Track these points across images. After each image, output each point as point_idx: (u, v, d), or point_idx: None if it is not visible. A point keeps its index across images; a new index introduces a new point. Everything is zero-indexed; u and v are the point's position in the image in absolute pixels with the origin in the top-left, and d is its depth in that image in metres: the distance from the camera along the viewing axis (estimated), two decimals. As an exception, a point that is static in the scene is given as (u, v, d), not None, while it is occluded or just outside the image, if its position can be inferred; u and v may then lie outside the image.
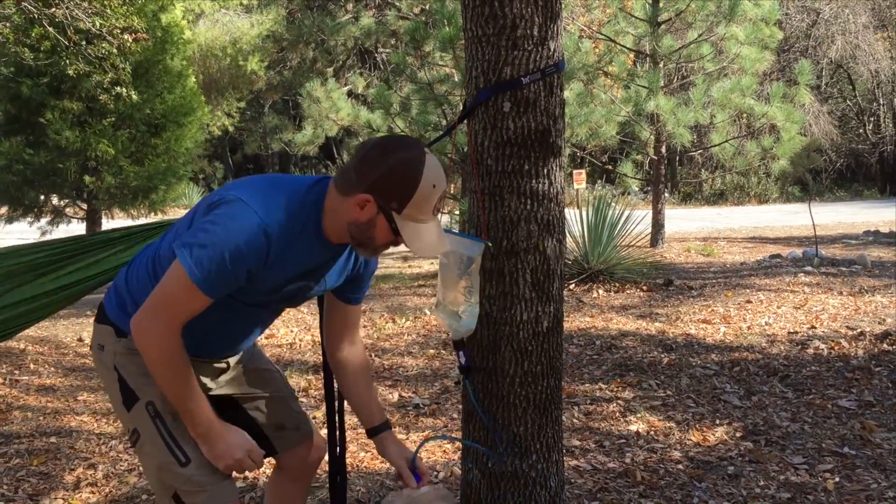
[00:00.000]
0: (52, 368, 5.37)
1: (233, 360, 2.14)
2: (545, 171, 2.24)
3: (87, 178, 9.76)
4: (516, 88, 2.18)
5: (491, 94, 2.20)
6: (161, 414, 1.89)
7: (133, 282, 1.96)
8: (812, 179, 26.71)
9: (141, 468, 2.18)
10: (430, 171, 1.77)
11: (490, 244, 2.23)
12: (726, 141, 11.85)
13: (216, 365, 2.09)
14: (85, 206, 10.63)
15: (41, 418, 4.29)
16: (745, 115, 12.10)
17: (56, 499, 3.24)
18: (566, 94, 11.19)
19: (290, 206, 1.81)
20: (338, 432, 2.37)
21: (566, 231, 2.53)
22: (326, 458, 2.36)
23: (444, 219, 10.66)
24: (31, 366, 5.40)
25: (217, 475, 1.93)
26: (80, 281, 2.33)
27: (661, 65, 11.72)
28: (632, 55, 12.47)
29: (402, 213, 1.78)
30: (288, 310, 7.20)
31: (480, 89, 2.23)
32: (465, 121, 2.33)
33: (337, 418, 2.38)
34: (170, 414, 1.89)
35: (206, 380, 2.07)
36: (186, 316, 1.79)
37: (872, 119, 28.62)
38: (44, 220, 10.64)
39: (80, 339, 6.27)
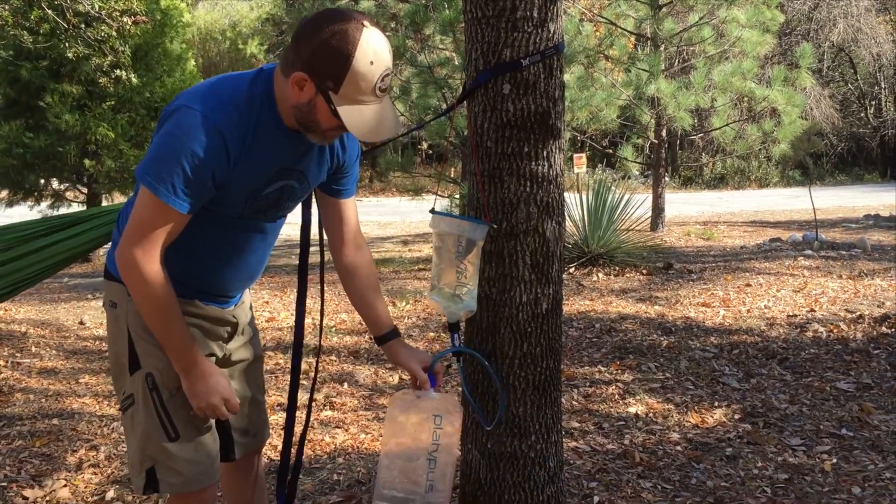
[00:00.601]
0: (54, 351, 5.39)
1: (239, 316, 2.08)
2: (545, 153, 2.24)
3: (87, 162, 9.76)
4: (516, 70, 2.18)
5: (490, 76, 2.20)
6: (159, 387, 1.87)
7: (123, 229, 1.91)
8: (813, 163, 26.69)
9: (124, 435, 2.16)
10: (367, 46, 1.65)
11: (494, 226, 2.24)
12: (727, 125, 11.83)
13: (223, 322, 2.02)
14: (85, 190, 10.64)
15: (43, 400, 4.32)
16: (746, 98, 12.08)
17: (58, 479, 3.27)
18: (566, 77, 11.16)
19: (237, 100, 1.73)
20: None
21: (566, 214, 2.53)
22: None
23: (444, 202, 10.67)
24: (33, 349, 5.42)
25: (199, 460, 1.91)
26: (72, 248, 2.36)
27: (661, 48, 11.69)
28: (633, 38, 12.44)
29: (340, 92, 1.67)
30: (287, 292, 7.21)
31: (480, 71, 2.23)
32: (465, 103, 2.33)
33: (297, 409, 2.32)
34: (167, 389, 1.88)
35: (217, 345, 2.02)
36: (164, 238, 1.74)
37: (874, 103, 28.57)
38: (44, 204, 10.65)
39: (82, 323, 6.29)
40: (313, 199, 2.13)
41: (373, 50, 1.66)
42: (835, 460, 3.25)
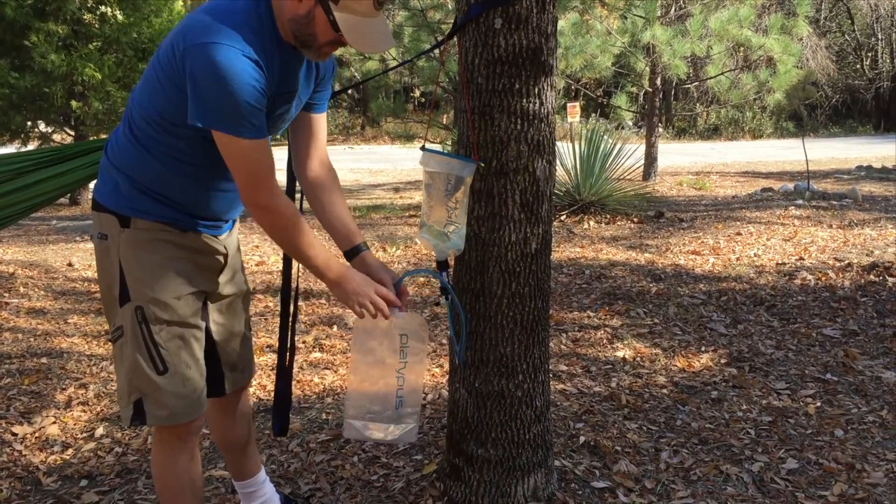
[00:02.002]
0: (42, 292, 5.38)
1: (229, 246, 2.07)
2: (536, 90, 2.20)
3: (73, 104, 9.62)
4: (508, 4, 2.13)
5: (482, 9, 2.15)
6: (149, 320, 1.86)
7: (117, 158, 1.89)
8: (807, 115, 26.58)
9: (113, 366, 2.17)
10: None
11: (482, 164, 2.21)
12: (722, 73, 11.74)
13: (214, 252, 2.01)
14: (72, 133, 10.51)
15: (32, 340, 4.31)
16: (741, 47, 11.97)
17: (47, 416, 3.28)
18: (561, 24, 11.01)
19: (251, 24, 1.72)
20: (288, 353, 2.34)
21: (558, 162, 2.50)
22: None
23: (437, 148, 10.60)
24: (21, 289, 5.40)
25: (186, 394, 1.90)
26: (60, 186, 2.33)
27: (658, -6, 11.51)
28: (629, -16, 12.23)
29: (340, 3, 1.69)
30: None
31: (471, 4, 2.18)
32: (455, 39, 2.28)
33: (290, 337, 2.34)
34: (157, 321, 1.87)
35: (209, 278, 2.01)
36: (271, 167, 1.79)
37: (870, 55, 28.35)
38: (31, 146, 10.53)
39: (70, 264, 6.26)
40: None
41: None
42: (819, 404, 3.28)
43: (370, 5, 1.71)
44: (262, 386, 3.60)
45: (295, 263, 2.18)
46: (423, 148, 2.17)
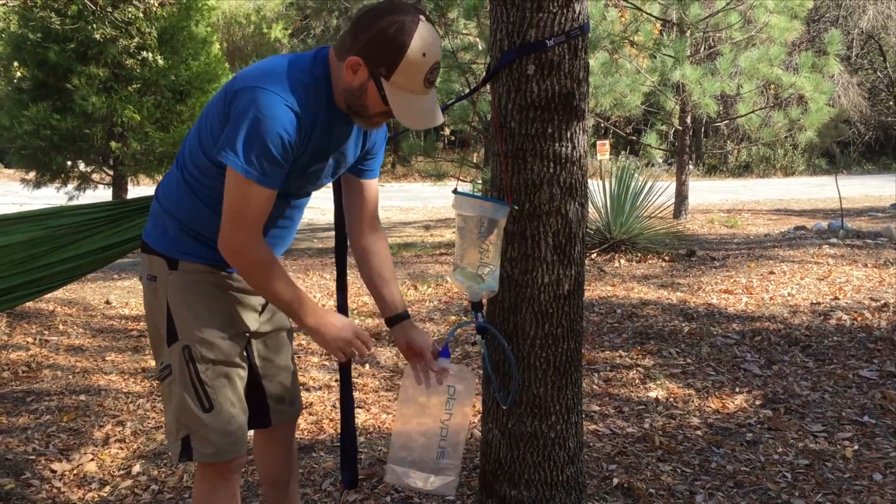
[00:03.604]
0: (81, 329, 5.47)
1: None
2: (568, 134, 2.24)
3: (113, 144, 9.84)
4: (541, 51, 2.18)
5: (515, 56, 2.20)
6: (195, 359, 1.93)
7: (167, 202, 1.97)
8: (839, 152, 26.37)
9: (162, 404, 2.23)
10: (421, 39, 1.75)
11: (515, 207, 2.24)
12: (753, 112, 11.72)
13: (256, 293, 2.06)
14: (111, 172, 10.73)
15: (70, 377, 4.39)
16: (772, 85, 11.97)
17: (85, 453, 3.33)
18: (591, 63, 11.09)
19: (304, 81, 1.81)
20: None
21: (589, 200, 2.53)
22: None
23: (467, 186, 10.67)
24: (60, 326, 5.50)
25: (231, 431, 1.96)
26: (117, 243, 2.37)
27: (687, 34, 11.57)
28: (658, 24, 12.31)
29: (391, 79, 1.77)
30: (311, 275, 7.25)
31: (505, 52, 2.23)
32: (489, 84, 2.33)
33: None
34: (203, 361, 1.93)
35: (251, 317, 2.07)
36: (261, 216, 1.83)
37: (903, 91, 28.08)
38: (70, 186, 10.76)
39: (108, 302, 6.37)
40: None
41: (426, 43, 1.75)
42: (856, 447, 3.24)
43: (420, 83, 1.79)
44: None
45: (354, 304, 2.25)
46: (455, 191, 2.21)
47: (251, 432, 2.25)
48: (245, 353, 2.07)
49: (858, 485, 2.91)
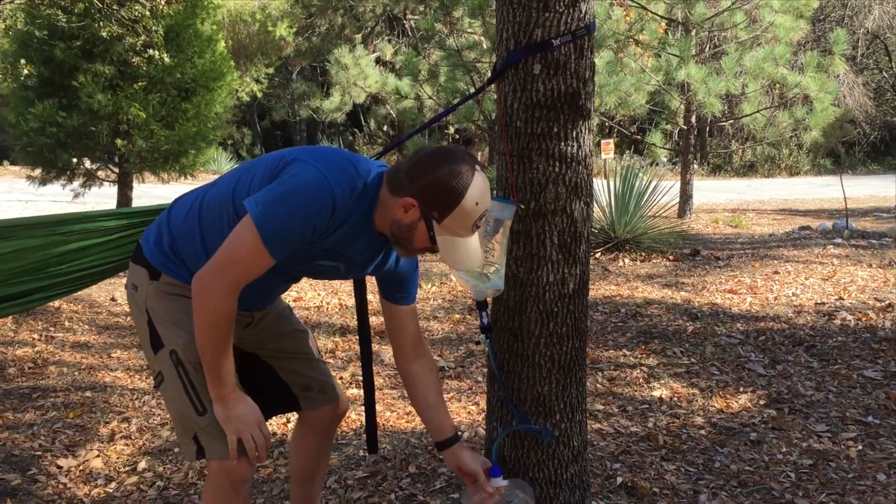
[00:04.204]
0: (87, 326, 5.50)
1: (258, 315, 2.17)
2: (574, 133, 2.25)
3: (118, 142, 9.85)
4: (547, 51, 2.19)
5: (521, 56, 2.21)
6: (183, 363, 1.93)
7: (176, 223, 1.98)
8: (845, 152, 26.32)
9: (157, 408, 2.26)
10: (477, 189, 1.81)
11: (521, 206, 2.25)
12: (758, 111, 11.70)
13: (240, 316, 2.07)
14: (116, 170, 10.75)
15: (76, 373, 4.41)
16: (777, 84, 11.94)
17: (91, 450, 3.34)
18: (596, 62, 11.08)
19: (356, 183, 1.85)
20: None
21: (593, 199, 2.54)
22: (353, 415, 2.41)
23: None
24: (66, 323, 5.52)
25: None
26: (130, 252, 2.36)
27: (692, 33, 11.57)
28: (663, 23, 12.30)
29: (443, 223, 1.83)
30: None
31: (511, 51, 2.24)
32: (495, 84, 2.34)
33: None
34: (191, 364, 1.93)
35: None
36: (249, 277, 1.83)
37: (909, 91, 28.00)
38: (76, 183, 10.77)
39: (113, 299, 6.39)
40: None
41: (480, 192, 1.82)
42: (860, 447, 3.24)
43: (469, 228, 1.85)
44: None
45: (369, 301, 2.28)
46: (462, 190, 2.22)
47: (290, 425, 2.28)
48: (253, 355, 2.10)
49: (862, 485, 2.91)
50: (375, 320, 5.49)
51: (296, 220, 1.77)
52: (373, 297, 3.15)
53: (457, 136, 24.40)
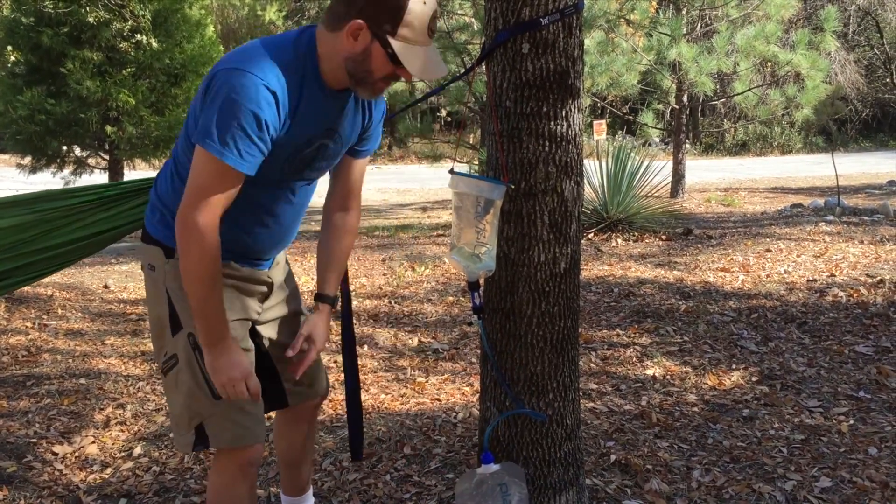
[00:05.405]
0: (80, 314, 5.49)
1: (275, 276, 2.12)
2: (563, 112, 2.24)
3: (108, 129, 9.82)
4: (535, 29, 2.17)
5: (510, 35, 2.20)
6: (200, 346, 1.89)
7: (162, 192, 1.95)
8: (836, 129, 26.35)
9: (165, 396, 2.22)
10: None
11: (511, 186, 2.25)
12: (749, 90, 11.71)
13: (258, 282, 2.05)
14: (107, 157, 10.71)
15: (70, 361, 4.41)
16: (769, 63, 11.94)
17: (87, 436, 3.35)
18: (587, 43, 11.05)
19: (284, 61, 1.77)
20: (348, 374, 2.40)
21: (585, 180, 2.54)
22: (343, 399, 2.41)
23: (464, 167, 10.66)
24: (59, 311, 5.52)
25: (246, 414, 1.94)
26: (111, 228, 2.34)
27: (684, 12, 11.55)
28: (654, 2, 12.27)
29: (397, 34, 1.75)
30: (308, 257, 7.25)
31: (499, 30, 2.22)
32: (484, 64, 2.33)
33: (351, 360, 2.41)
34: None
35: (253, 304, 2.06)
36: (224, 201, 1.77)
37: (900, 68, 27.99)
38: (66, 171, 10.74)
39: (106, 286, 6.38)
40: None
41: None
42: (851, 422, 3.27)
43: (425, 34, 1.78)
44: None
45: (352, 286, 2.24)
46: (451, 171, 2.22)
47: (272, 413, 2.25)
48: (254, 341, 2.06)
49: (854, 459, 2.93)
50: (369, 304, 5.50)
51: (244, 126, 1.71)
52: (371, 302, 3.15)
53: (449, 119, 24.36)
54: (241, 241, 1.97)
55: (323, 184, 2.13)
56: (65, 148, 10.49)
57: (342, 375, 4.01)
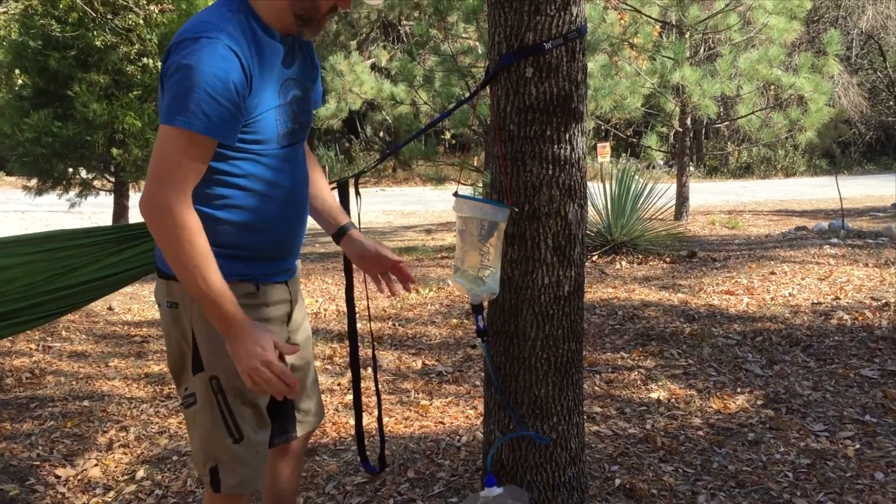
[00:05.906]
0: (84, 336, 5.49)
1: (294, 292, 2.03)
2: (567, 136, 2.25)
3: (114, 151, 9.88)
4: (539, 54, 2.19)
5: (513, 59, 2.21)
6: (224, 390, 1.85)
7: None
8: (840, 152, 26.38)
9: (187, 432, 2.14)
10: None
11: (516, 209, 2.26)
12: (753, 113, 11.74)
13: (281, 301, 1.97)
14: (112, 179, 10.76)
15: (74, 383, 4.40)
16: (772, 86, 11.98)
17: (89, 459, 3.34)
18: (591, 66, 11.12)
19: (227, 19, 1.73)
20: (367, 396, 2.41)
21: (589, 203, 2.55)
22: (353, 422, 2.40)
23: (468, 190, 10.69)
24: (63, 333, 5.52)
25: (258, 459, 1.90)
26: (123, 271, 2.30)
27: (687, 35, 11.60)
28: (657, 26, 12.35)
29: None
30: (312, 279, 7.24)
31: (503, 55, 2.24)
32: (488, 87, 2.35)
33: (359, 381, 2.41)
34: (233, 390, 1.85)
35: (282, 333, 1.98)
36: (193, 175, 1.69)
37: (903, 91, 28.08)
38: (72, 193, 10.79)
39: (110, 308, 6.39)
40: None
41: None
42: (858, 446, 3.24)
43: None
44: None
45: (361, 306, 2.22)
46: (456, 194, 2.23)
47: None
48: None
49: (860, 484, 2.91)
50: (373, 326, 5.49)
51: (212, 92, 1.64)
52: (367, 305, 3.14)
53: (453, 141, 24.44)
54: (263, 237, 1.88)
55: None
56: (71, 170, 10.55)
57: (346, 397, 4.01)
